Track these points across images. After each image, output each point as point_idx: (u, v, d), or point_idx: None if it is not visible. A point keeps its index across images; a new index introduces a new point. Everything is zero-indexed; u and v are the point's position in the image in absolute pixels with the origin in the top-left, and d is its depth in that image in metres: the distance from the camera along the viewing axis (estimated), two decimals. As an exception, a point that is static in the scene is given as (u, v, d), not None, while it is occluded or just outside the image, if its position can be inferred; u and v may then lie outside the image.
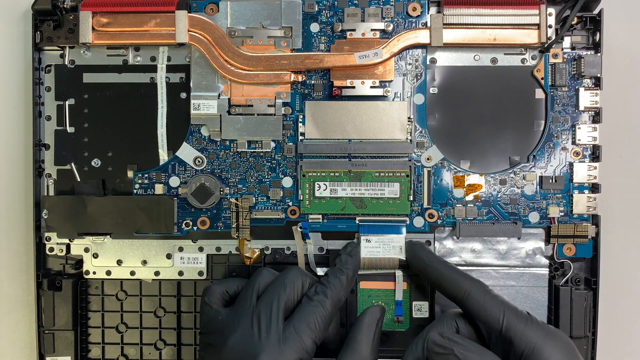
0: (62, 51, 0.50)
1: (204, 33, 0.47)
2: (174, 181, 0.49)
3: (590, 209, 0.48)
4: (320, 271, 0.49)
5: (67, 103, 0.50)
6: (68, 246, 0.50)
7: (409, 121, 0.48)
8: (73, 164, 0.50)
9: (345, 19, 0.48)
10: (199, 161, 0.49)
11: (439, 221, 0.49)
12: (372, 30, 0.48)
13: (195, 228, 0.49)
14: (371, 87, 0.48)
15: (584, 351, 0.47)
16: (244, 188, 0.49)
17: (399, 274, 0.49)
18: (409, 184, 0.48)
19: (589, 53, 0.48)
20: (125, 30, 0.48)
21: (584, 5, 0.47)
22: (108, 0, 0.47)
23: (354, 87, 0.48)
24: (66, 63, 0.50)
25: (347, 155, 0.48)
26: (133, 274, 0.50)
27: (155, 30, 0.48)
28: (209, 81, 0.48)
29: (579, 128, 0.48)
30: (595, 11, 0.48)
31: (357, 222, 0.49)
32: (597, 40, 0.48)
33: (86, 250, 0.50)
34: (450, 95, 0.49)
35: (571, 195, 0.48)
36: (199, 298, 0.49)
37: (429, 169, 0.49)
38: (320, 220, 0.49)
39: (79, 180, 0.50)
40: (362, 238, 0.48)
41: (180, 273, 0.50)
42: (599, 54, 0.48)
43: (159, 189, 0.49)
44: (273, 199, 0.49)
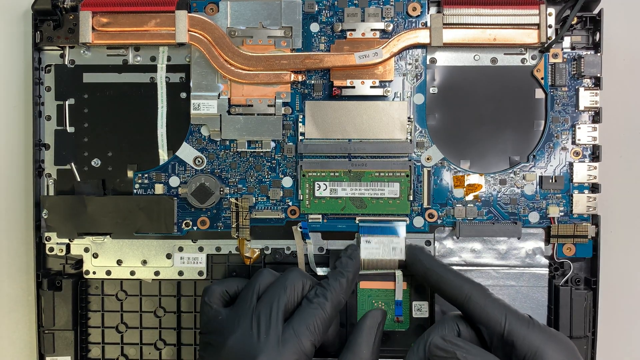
0: (62, 51, 0.50)
1: (204, 33, 0.47)
2: (174, 181, 0.49)
3: (590, 209, 0.48)
4: (320, 271, 0.49)
5: (67, 103, 0.50)
6: (68, 246, 0.50)
7: (409, 121, 0.48)
8: (73, 164, 0.50)
9: (345, 19, 0.48)
10: (199, 161, 0.49)
11: (439, 221, 0.49)
12: (372, 30, 0.48)
13: (195, 228, 0.49)
14: (371, 87, 0.48)
15: (583, 351, 0.47)
16: (244, 188, 0.49)
17: (399, 273, 0.48)
18: (409, 184, 0.48)
19: (589, 53, 0.48)
20: (125, 30, 0.48)
21: (584, 5, 0.47)
22: (108, 0, 0.47)
23: (354, 87, 0.48)
24: (66, 63, 0.50)
25: (347, 155, 0.48)
26: (133, 274, 0.50)
27: (155, 30, 0.48)
28: (209, 81, 0.48)
29: (579, 128, 0.48)
30: (595, 11, 0.48)
31: (357, 222, 0.49)
32: (597, 40, 0.48)
33: (86, 250, 0.50)
34: (450, 95, 0.49)
35: (571, 195, 0.48)
36: (199, 298, 0.49)
37: (429, 169, 0.49)
38: (320, 220, 0.49)
39: (79, 180, 0.50)
40: (362, 239, 0.48)
41: (180, 273, 0.50)
42: (599, 54, 0.48)
43: (159, 189, 0.49)
44: (273, 199, 0.49)
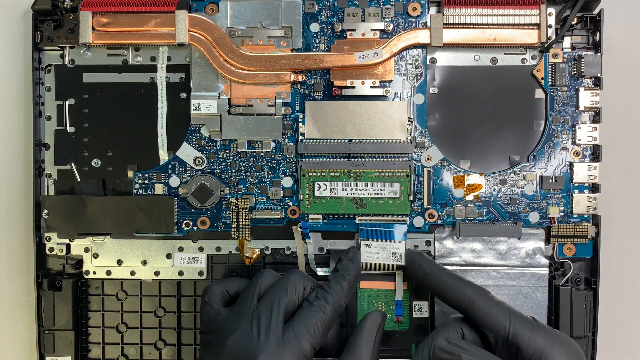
0: (62, 51, 0.50)
1: (204, 33, 0.47)
2: (174, 181, 0.49)
3: (590, 209, 0.48)
4: (320, 271, 0.49)
5: (67, 103, 0.50)
6: (68, 246, 0.50)
7: (409, 121, 0.48)
8: (73, 164, 0.50)
9: (345, 19, 0.48)
10: (199, 161, 0.49)
11: (439, 221, 0.49)
12: (372, 30, 0.48)
13: (195, 228, 0.49)
14: (371, 87, 0.48)
15: (584, 351, 0.47)
16: (244, 188, 0.49)
17: (399, 273, 0.49)
18: (409, 184, 0.48)
19: (589, 53, 0.48)
20: (125, 30, 0.48)
21: (584, 5, 0.47)
22: (108, 0, 0.47)
23: (354, 87, 0.48)
24: (66, 63, 0.50)
25: (347, 155, 0.48)
26: (133, 274, 0.50)
27: (155, 30, 0.48)
28: (209, 81, 0.48)
29: (579, 128, 0.48)
30: (595, 11, 0.48)
31: (357, 222, 0.49)
32: (597, 40, 0.48)
33: (86, 250, 0.50)
34: (450, 95, 0.49)
35: (571, 195, 0.48)
36: (199, 298, 0.49)
37: (429, 169, 0.49)
38: (320, 220, 0.49)
39: (79, 180, 0.50)
40: (362, 243, 0.48)
41: (180, 273, 0.50)
42: (599, 54, 0.48)
43: (159, 189, 0.49)
44: (273, 199, 0.49)
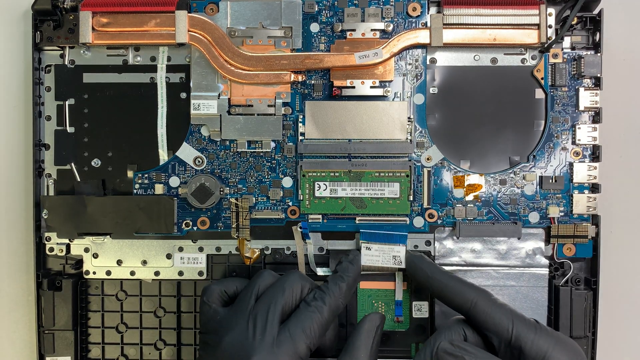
0: (62, 51, 0.50)
1: (204, 33, 0.47)
2: (174, 181, 0.49)
3: (590, 209, 0.48)
4: (320, 271, 0.49)
5: (67, 103, 0.50)
6: (68, 246, 0.50)
7: (409, 121, 0.48)
8: (73, 164, 0.50)
9: (345, 19, 0.48)
10: (199, 161, 0.49)
11: (439, 221, 0.49)
12: (372, 30, 0.48)
13: (195, 228, 0.49)
14: (371, 87, 0.48)
15: (584, 351, 0.47)
16: (244, 188, 0.49)
17: (399, 273, 0.49)
18: (409, 184, 0.48)
19: (589, 53, 0.48)
20: (125, 30, 0.48)
21: (584, 5, 0.47)
22: (108, 0, 0.47)
23: (354, 87, 0.48)
24: (66, 63, 0.50)
25: (347, 155, 0.48)
26: (133, 274, 0.50)
27: (155, 30, 0.48)
28: (209, 81, 0.48)
29: (579, 128, 0.48)
30: (595, 11, 0.48)
31: (357, 222, 0.49)
32: (597, 40, 0.48)
33: (86, 250, 0.50)
34: (450, 95, 0.49)
35: (571, 195, 0.48)
36: (199, 298, 0.49)
37: (429, 169, 0.49)
38: (320, 220, 0.49)
39: (79, 180, 0.50)
40: (362, 246, 0.48)
41: (180, 273, 0.50)
42: (599, 54, 0.48)
43: (159, 189, 0.49)
44: (273, 199, 0.49)
